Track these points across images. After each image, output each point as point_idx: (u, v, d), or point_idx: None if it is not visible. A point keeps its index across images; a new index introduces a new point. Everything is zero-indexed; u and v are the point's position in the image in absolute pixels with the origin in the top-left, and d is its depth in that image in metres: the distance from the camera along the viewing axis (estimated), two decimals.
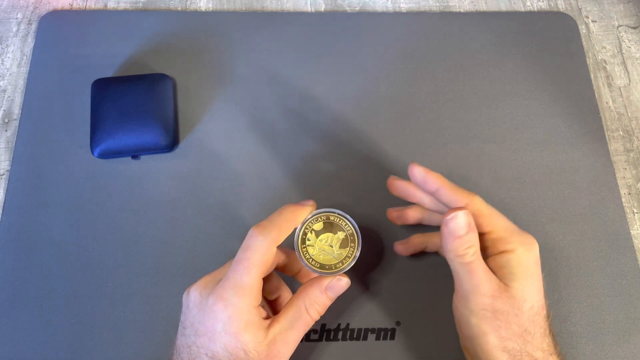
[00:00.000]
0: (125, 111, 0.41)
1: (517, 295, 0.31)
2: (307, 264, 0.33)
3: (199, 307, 0.30)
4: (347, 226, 0.34)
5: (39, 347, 0.36)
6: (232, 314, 0.29)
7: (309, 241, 0.33)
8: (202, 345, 0.30)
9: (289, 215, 0.33)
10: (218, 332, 0.29)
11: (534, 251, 0.32)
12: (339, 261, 0.33)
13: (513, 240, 0.32)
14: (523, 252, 0.32)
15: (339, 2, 0.51)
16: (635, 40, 0.50)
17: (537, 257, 0.32)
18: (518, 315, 0.31)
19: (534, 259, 0.32)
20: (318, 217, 0.34)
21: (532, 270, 0.32)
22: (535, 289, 0.32)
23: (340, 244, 0.33)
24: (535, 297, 0.31)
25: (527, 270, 0.32)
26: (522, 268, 0.32)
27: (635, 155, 0.45)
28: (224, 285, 0.30)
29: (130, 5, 0.49)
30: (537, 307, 0.31)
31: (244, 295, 0.30)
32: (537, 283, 0.32)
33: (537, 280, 0.32)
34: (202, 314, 0.30)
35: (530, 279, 0.32)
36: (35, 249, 0.39)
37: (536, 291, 0.32)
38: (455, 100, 0.46)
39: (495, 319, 0.31)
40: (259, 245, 0.30)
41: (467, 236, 0.32)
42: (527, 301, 0.31)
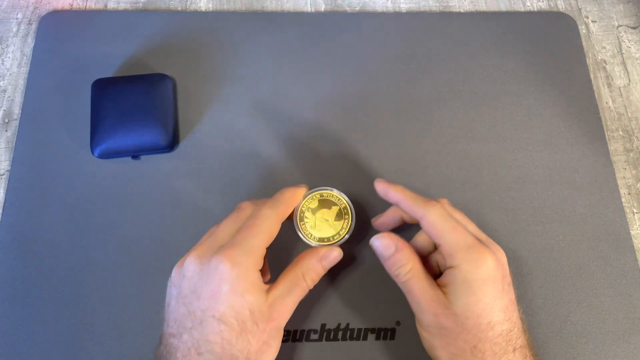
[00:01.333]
0: (125, 111, 0.41)
1: (458, 312, 0.31)
2: (307, 239, 0.36)
3: (200, 273, 0.30)
4: (340, 201, 0.37)
5: (39, 347, 0.36)
6: (239, 273, 0.30)
7: (307, 218, 0.36)
8: (208, 307, 0.30)
9: (291, 195, 0.35)
10: (224, 293, 0.30)
11: (482, 268, 0.31)
12: (336, 233, 0.36)
13: (458, 256, 0.32)
14: (467, 268, 0.31)
15: (339, 2, 0.51)
16: (635, 41, 0.50)
17: (489, 273, 0.31)
18: (462, 333, 0.31)
19: (482, 276, 0.31)
20: (313, 195, 0.37)
21: (476, 288, 0.31)
22: (482, 306, 0.31)
23: (335, 218, 0.36)
24: (482, 315, 0.31)
25: (471, 288, 0.31)
26: (465, 285, 0.31)
27: (635, 155, 0.45)
28: (231, 247, 0.31)
29: (130, 5, 0.49)
30: (485, 324, 0.30)
31: (251, 256, 0.31)
32: (484, 300, 0.31)
33: (484, 297, 0.31)
34: (206, 277, 0.30)
35: (475, 296, 0.31)
36: (35, 249, 0.39)
37: (483, 309, 0.31)
38: (455, 100, 0.46)
39: (442, 335, 0.31)
40: (268, 215, 0.33)
41: (394, 257, 0.33)
42: (470, 319, 0.31)
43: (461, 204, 0.41)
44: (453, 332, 0.31)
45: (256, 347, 0.30)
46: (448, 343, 0.31)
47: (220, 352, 0.29)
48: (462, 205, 0.41)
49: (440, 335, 0.32)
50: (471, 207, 0.41)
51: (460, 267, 0.32)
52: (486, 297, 0.31)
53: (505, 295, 0.32)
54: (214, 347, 0.29)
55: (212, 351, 0.29)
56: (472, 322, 0.31)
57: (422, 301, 0.32)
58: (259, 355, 0.31)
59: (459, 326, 0.31)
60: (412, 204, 0.34)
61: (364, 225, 0.41)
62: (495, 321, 0.31)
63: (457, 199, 0.41)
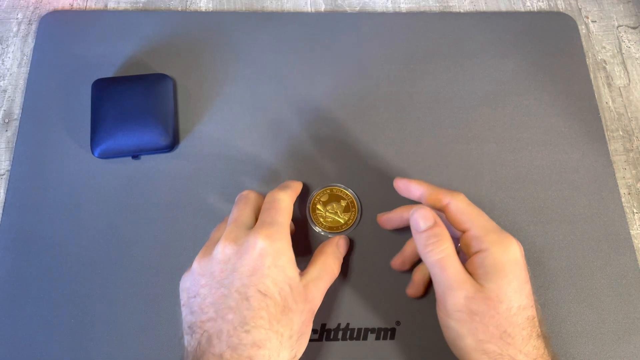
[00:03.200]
0: (125, 111, 0.41)
1: (492, 295, 0.30)
2: (319, 228, 0.40)
3: (238, 252, 0.31)
4: (347, 196, 0.41)
5: (39, 347, 0.36)
6: (278, 248, 0.31)
7: (319, 210, 0.41)
8: (252, 283, 0.30)
9: (295, 183, 0.39)
10: (267, 267, 0.30)
11: (510, 251, 0.32)
12: (344, 223, 0.40)
13: (488, 239, 0.32)
14: (498, 251, 0.31)
15: (339, 2, 0.51)
16: (635, 41, 0.50)
17: (516, 257, 0.32)
18: (494, 317, 0.30)
19: (511, 259, 0.31)
20: (323, 190, 0.41)
21: (508, 270, 0.31)
22: (513, 289, 0.31)
23: (343, 210, 0.41)
24: (513, 298, 0.31)
25: (502, 270, 0.31)
26: (496, 268, 0.31)
27: (635, 155, 0.45)
28: (264, 225, 0.32)
29: (130, 5, 0.49)
30: (516, 308, 0.31)
31: (285, 232, 0.32)
32: (514, 283, 0.31)
33: (514, 280, 0.31)
34: (245, 255, 0.31)
35: (506, 279, 0.31)
36: (35, 249, 0.39)
37: (514, 291, 0.31)
38: (455, 100, 0.46)
39: (471, 321, 0.30)
40: (283, 196, 0.34)
41: (431, 231, 0.32)
42: (503, 302, 0.30)
43: None
44: (485, 317, 0.30)
45: (297, 326, 0.31)
46: (477, 329, 0.30)
47: (268, 328, 0.29)
48: None
49: (469, 321, 0.31)
50: None
51: (490, 250, 0.32)
52: (516, 280, 0.31)
53: (528, 283, 0.32)
54: (261, 322, 0.29)
55: (259, 327, 0.29)
56: (505, 306, 0.30)
57: (454, 282, 0.31)
58: (300, 336, 0.31)
59: (491, 309, 0.30)
60: (437, 192, 0.35)
61: (364, 224, 0.41)
62: (524, 305, 0.31)
63: None
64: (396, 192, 0.42)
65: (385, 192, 0.42)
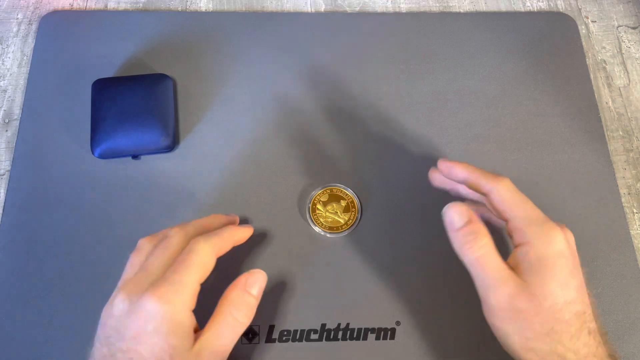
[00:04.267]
0: (125, 111, 0.41)
1: (536, 292, 0.29)
2: (319, 228, 0.40)
3: (128, 311, 0.28)
4: (347, 196, 0.41)
5: (39, 347, 0.36)
6: (166, 312, 0.28)
7: (319, 210, 0.40)
8: (129, 349, 0.27)
9: (231, 232, 0.33)
10: (148, 333, 0.27)
11: (555, 243, 0.30)
12: (344, 223, 0.40)
13: (530, 231, 0.30)
14: (540, 244, 0.30)
15: (339, 2, 0.51)
16: (635, 41, 0.50)
17: (561, 250, 0.30)
18: (539, 314, 0.28)
19: (555, 252, 0.29)
20: (324, 190, 0.41)
21: (551, 264, 0.29)
22: (558, 284, 0.29)
23: (343, 210, 0.40)
24: (559, 293, 0.29)
25: (546, 264, 0.29)
26: (539, 262, 0.29)
27: (635, 155, 0.45)
28: (161, 283, 0.28)
29: (130, 5, 0.49)
30: (562, 303, 0.29)
31: (182, 294, 0.29)
32: (560, 277, 0.29)
33: (559, 274, 0.29)
34: (133, 316, 0.28)
35: (551, 273, 0.29)
36: (35, 249, 0.39)
37: (559, 286, 0.29)
38: (455, 100, 0.46)
39: (516, 319, 0.29)
40: (202, 249, 0.30)
41: (467, 228, 0.31)
42: (548, 298, 0.29)
43: None
44: (529, 315, 0.29)
45: None
46: (523, 327, 0.29)
47: None
48: None
49: (514, 320, 0.29)
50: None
51: (532, 243, 0.30)
52: (561, 273, 0.29)
53: (577, 275, 0.30)
54: None
55: None
56: (550, 302, 0.29)
57: (496, 281, 0.30)
58: None
59: (536, 307, 0.29)
60: (481, 176, 0.33)
61: (364, 224, 0.41)
62: (571, 300, 0.29)
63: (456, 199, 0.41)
64: (396, 192, 0.42)
65: (385, 192, 0.42)
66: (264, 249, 0.40)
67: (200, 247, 0.30)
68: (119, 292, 0.29)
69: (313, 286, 0.39)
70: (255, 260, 0.39)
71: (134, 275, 0.31)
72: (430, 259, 0.39)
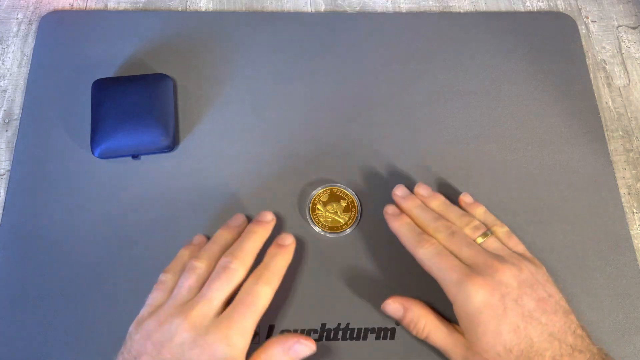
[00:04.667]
0: (125, 111, 0.41)
1: (477, 349, 0.31)
2: (319, 228, 0.40)
3: (192, 344, 0.30)
4: (347, 196, 0.41)
5: (39, 347, 0.36)
6: (231, 355, 0.30)
7: (319, 210, 0.40)
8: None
9: (284, 264, 0.35)
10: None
11: (474, 296, 0.31)
12: (344, 223, 0.40)
13: (450, 293, 0.33)
14: (461, 303, 0.32)
15: (339, 2, 0.51)
16: (634, 41, 0.50)
17: (481, 302, 0.31)
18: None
19: (476, 306, 0.31)
20: (324, 190, 0.41)
21: (476, 319, 0.31)
22: (490, 334, 0.31)
23: (343, 210, 0.40)
24: (495, 342, 0.30)
25: (472, 320, 0.31)
26: (467, 319, 0.32)
27: (635, 155, 0.45)
28: (228, 325, 0.30)
29: (131, 5, 0.49)
30: (503, 351, 0.30)
31: (245, 337, 0.31)
32: (489, 327, 0.31)
33: (488, 324, 0.31)
34: (197, 350, 0.29)
35: (480, 327, 0.31)
36: (35, 249, 0.39)
37: (492, 337, 0.31)
38: (455, 100, 0.46)
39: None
40: (265, 293, 0.32)
41: (406, 318, 0.34)
42: (489, 350, 0.30)
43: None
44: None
45: None
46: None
47: None
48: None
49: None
50: None
51: (455, 302, 0.32)
52: (490, 324, 0.31)
53: (510, 315, 0.31)
54: None
55: None
56: (492, 353, 0.30)
57: (447, 350, 0.33)
58: None
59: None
60: (405, 242, 0.36)
61: (364, 224, 0.41)
62: (511, 344, 0.30)
63: (457, 199, 0.41)
64: None
65: (385, 192, 0.42)
66: (263, 249, 0.40)
67: (263, 290, 0.32)
68: (183, 320, 0.30)
69: (313, 286, 0.39)
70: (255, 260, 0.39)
71: (191, 298, 0.32)
72: None
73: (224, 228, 0.37)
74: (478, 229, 0.36)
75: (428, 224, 0.36)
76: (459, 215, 0.37)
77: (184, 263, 0.36)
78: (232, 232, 0.37)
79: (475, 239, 0.35)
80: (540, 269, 0.34)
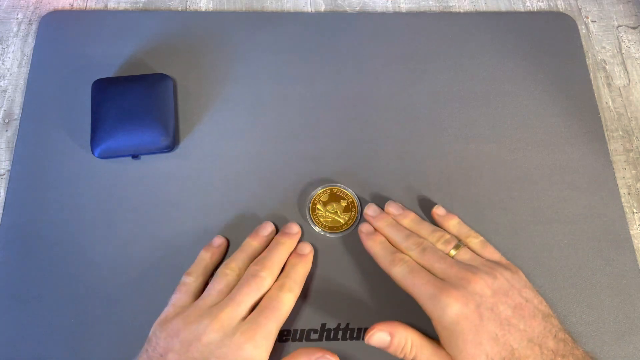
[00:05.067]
0: (125, 111, 0.41)
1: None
2: (319, 228, 0.40)
3: (220, 343, 0.31)
4: (347, 196, 0.41)
5: (39, 347, 0.36)
6: (256, 356, 0.31)
7: (319, 210, 0.40)
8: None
9: (305, 272, 0.37)
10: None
11: (448, 309, 0.31)
12: (344, 223, 0.40)
13: (427, 307, 0.33)
14: (437, 317, 0.32)
15: (339, 2, 0.51)
16: (634, 41, 0.50)
17: (458, 311, 0.31)
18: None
19: (452, 318, 0.31)
20: (324, 190, 0.41)
21: (454, 331, 0.31)
22: (472, 345, 0.31)
23: (343, 210, 0.40)
24: (476, 353, 0.31)
25: (451, 333, 0.31)
26: (446, 333, 0.32)
27: (635, 155, 0.45)
28: (255, 328, 0.32)
29: (131, 5, 0.49)
30: (486, 358, 0.30)
31: (269, 340, 0.32)
32: (469, 338, 0.31)
33: (467, 335, 0.31)
34: (224, 349, 0.31)
35: (459, 339, 0.31)
36: (35, 249, 0.39)
37: (474, 347, 0.31)
38: (455, 100, 0.46)
39: None
40: (288, 300, 0.34)
41: (392, 345, 0.33)
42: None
43: (461, 204, 0.41)
44: None
45: None
46: None
47: None
48: (462, 205, 0.41)
49: None
50: (471, 207, 0.41)
51: (432, 317, 0.33)
52: (469, 335, 0.31)
53: (487, 324, 0.31)
54: None
55: None
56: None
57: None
58: None
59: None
60: (380, 261, 0.37)
61: None
62: (492, 353, 0.30)
63: (457, 199, 0.41)
64: (396, 192, 0.42)
65: (385, 192, 0.42)
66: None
67: (287, 298, 0.34)
68: (212, 320, 0.32)
69: (313, 286, 0.39)
70: None
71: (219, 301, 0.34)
72: None
73: (253, 237, 0.38)
74: (449, 243, 0.36)
75: (400, 242, 0.37)
76: (430, 232, 0.38)
77: (206, 266, 0.37)
78: (260, 242, 0.38)
79: (448, 252, 0.36)
80: (516, 274, 0.35)
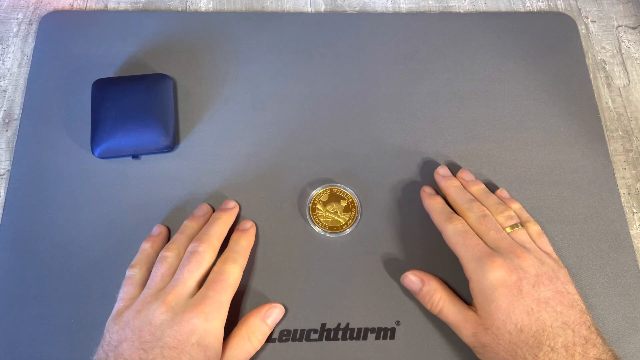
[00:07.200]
0: (125, 111, 0.41)
1: (488, 324, 0.32)
2: (319, 228, 0.40)
3: (170, 322, 0.31)
4: (347, 196, 0.41)
5: (39, 347, 0.36)
6: (209, 328, 0.31)
7: (319, 210, 0.40)
8: (169, 356, 0.30)
9: (247, 244, 0.38)
10: (190, 344, 0.31)
11: (490, 274, 0.32)
12: (344, 223, 0.40)
13: (468, 268, 0.34)
14: (477, 279, 0.33)
15: (339, 2, 0.51)
16: (634, 41, 0.50)
17: (498, 279, 0.32)
18: (499, 343, 0.31)
19: (492, 283, 0.32)
20: (324, 190, 0.41)
21: (491, 296, 0.32)
22: (503, 312, 0.31)
23: (343, 210, 0.40)
24: (507, 320, 0.31)
25: (487, 297, 0.32)
26: (482, 295, 0.32)
27: (635, 155, 0.45)
28: (203, 301, 0.32)
29: (131, 5, 0.49)
30: (514, 329, 0.31)
31: (220, 312, 0.33)
32: (503, 306, 0.31)
33: (502, 303, 0.31)
34: (176, 327, 0.31)
35: (493, 304, 0.32)
36: (35, 249, 0.39)
37: (505, 314, 0.31)
38: (455, 100, 0.46)
39: (486, 352, 0.32)
40: (233, 270, 0.35)
41: (422, 290, 0.36)
42: (500, 328, 0.31)
43: None
44: (493, 346, 0.31)
45: None
46: (493, 357, 0.31)
47: None
48: None
49: (485, 353, 0.32)
50: None
51: (472, 278, 0.33)
52: (503, 302, 0.31)
53: (525, 297, 0.31)
54: None
55: None
56: (503, 331, 0.31)
57: (458, 325, 0.34)
58: None
59: (494, 338, 0.31)
60: (436, 217, 0.37)
61: (364, 224, 0.41)
62: (522, 324, 0.31)
63: None
64: (396, 192, 0.42)
65: (385, 192, 0.42)
66: (264, 249, 0.40)
67: (232, 268, 0.35)
68: (160, 304, 0.32)
69: (313, 286, 0.39)
70: (255, 260, 0.39)
71: (165, 285, 0.34)
72: (430, 258, 0.39)
73: (190, 218, 0.39)
74: (511, 219, 0.37)
75: (462, 203, 0.38)
76: (495, 203, 0.38)
77: (148, 255, 0.37)
78: (198, 222, 0.38)
79: (505, 227, 0.36)
80: (562, 269, 0.35)
